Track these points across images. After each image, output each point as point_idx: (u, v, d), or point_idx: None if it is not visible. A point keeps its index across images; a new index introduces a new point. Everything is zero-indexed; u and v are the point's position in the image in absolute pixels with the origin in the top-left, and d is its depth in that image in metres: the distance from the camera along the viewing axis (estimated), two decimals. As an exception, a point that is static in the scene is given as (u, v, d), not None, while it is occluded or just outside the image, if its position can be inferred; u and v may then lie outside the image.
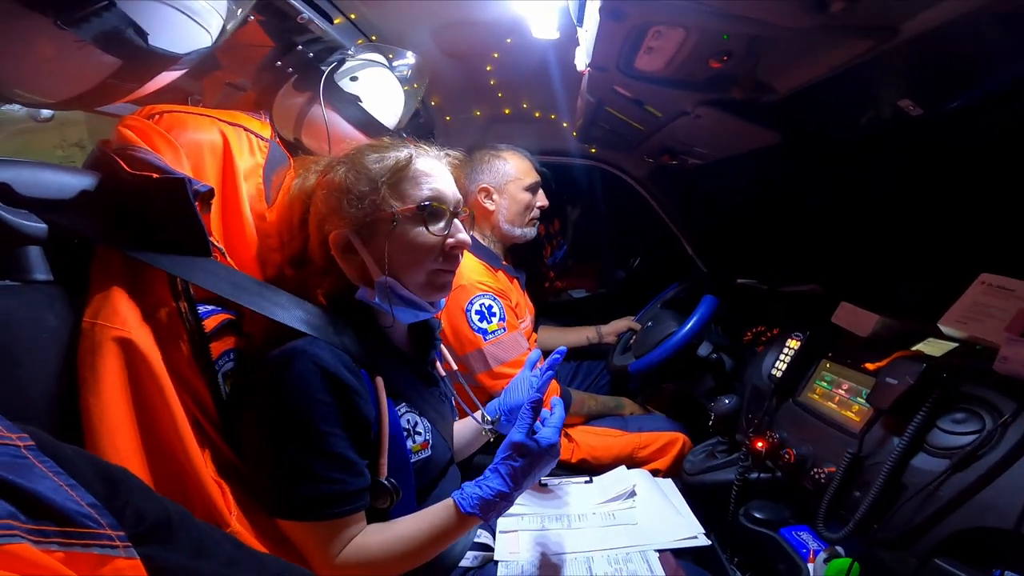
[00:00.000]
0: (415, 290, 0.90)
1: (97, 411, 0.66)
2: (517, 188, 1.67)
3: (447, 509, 0.83)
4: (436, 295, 0.94)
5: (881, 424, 1.00)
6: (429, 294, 0.92)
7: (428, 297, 0.93)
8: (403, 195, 0.88)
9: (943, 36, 0.75)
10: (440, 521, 0.82)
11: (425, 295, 0.92)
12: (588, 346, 2.04)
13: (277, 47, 1.15)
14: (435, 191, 0.90)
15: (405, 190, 0.88)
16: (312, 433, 0.76)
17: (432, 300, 0.94)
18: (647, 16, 0.83)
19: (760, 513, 1.27)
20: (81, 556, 0.38)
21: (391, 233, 0.87)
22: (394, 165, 0.89)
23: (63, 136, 1.44)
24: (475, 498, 0.82)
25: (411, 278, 0.90)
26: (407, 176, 0.89)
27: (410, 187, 0.89)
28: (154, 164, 0.77)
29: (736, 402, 1.43)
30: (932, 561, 0.84)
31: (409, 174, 0.89)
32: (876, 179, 1.48)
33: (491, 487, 0.82)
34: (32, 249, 0.69)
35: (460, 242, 0.92)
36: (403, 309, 0.91)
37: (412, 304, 0.91)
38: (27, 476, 0.39)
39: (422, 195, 0.89)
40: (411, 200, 0.88)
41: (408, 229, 0.88)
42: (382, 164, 0.90)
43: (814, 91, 0.99)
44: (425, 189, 0.89)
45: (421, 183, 0.89)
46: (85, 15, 0.63)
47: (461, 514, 0.81)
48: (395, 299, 0.89)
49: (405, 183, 0.89)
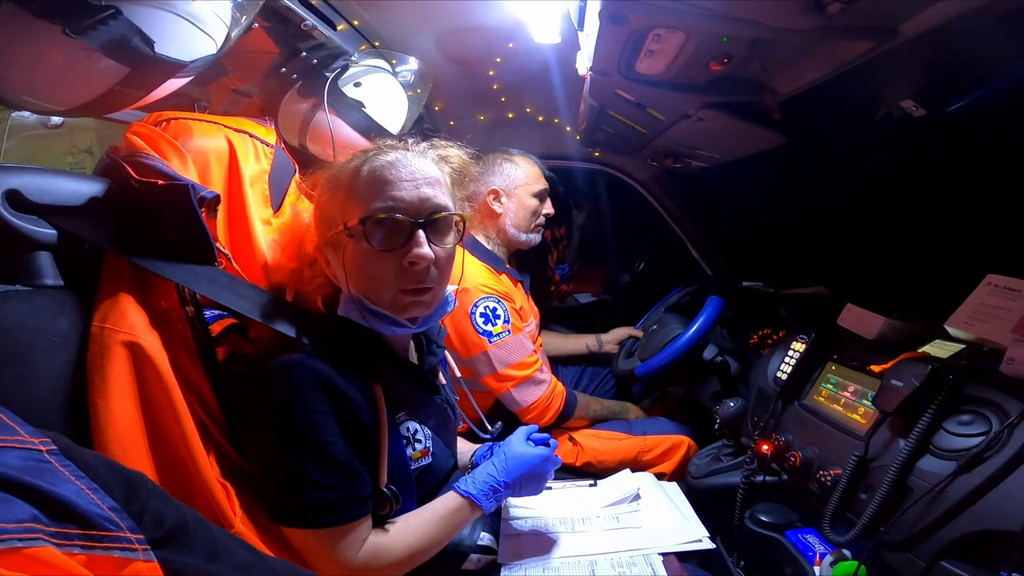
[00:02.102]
0: (384, 308, 0.85)
1: (105, 413, 0.67)
2: (526, 193, 1.68)
3: (452, 499, 0.89)
4: (406, 315, 0.86)
5: (887, 426, 0.99)
6: (399, 313, 0.85)
7: (400, 315, 0.85)
8: (358, 206, 0.81)
9: (942, 37, 0.75)
10: (446, 513, 0.88)
11: (397, 313, 0.85)
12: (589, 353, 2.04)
13: (282, 54, 1.16)
14: (390, 201, 0.80)
15: (361, 200, 0.81)
16: (312, 442, 0.77)
17: (408, 318, 0.86)
18: (647, 20, 0.84)
19: (766, 516, 1.26)
20: (102, 559, 0.39)
21: (347, 247, 0.82)
22: (350, 173, 0.83)
23: (73, 143, 1.46)
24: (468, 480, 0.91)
25: (375, 295, 0.84)
26: (358, 183, 0.82)
27: (362, 197, 0.81)
28: (161, 171, 0.78)
29: (741, 405, 1.42)
30: (939, 564, 0.83)
31: (361, 181, 0.82)
32: (881, 180, 1.48)
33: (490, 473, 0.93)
34: (42, 255, 0.71)
35: (417, 257, 0.80)
36: (379, 324, 0.86)
37: (386, 319, 0.85)
38: (50, 480, 0.40)
39: (371, 206, 0.80)
40: (359, 212, 0.80)
41: (361, 244, 0.81)
42: (344, 172, 0.84)
43: (817, 92, 0.99)
44: (376, 200, 0.80)
45: (373, 192, 0.81)
46: (92, 23, 0.64)
47: (460, 499, 0.88)
48: (367, 314, 0.84)
49: (362, 192, 0.81)
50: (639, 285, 2.65)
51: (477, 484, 0.91)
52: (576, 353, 2.01)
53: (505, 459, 0.96)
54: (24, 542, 0.34)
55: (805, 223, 1.80)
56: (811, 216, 1.77)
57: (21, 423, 0.43)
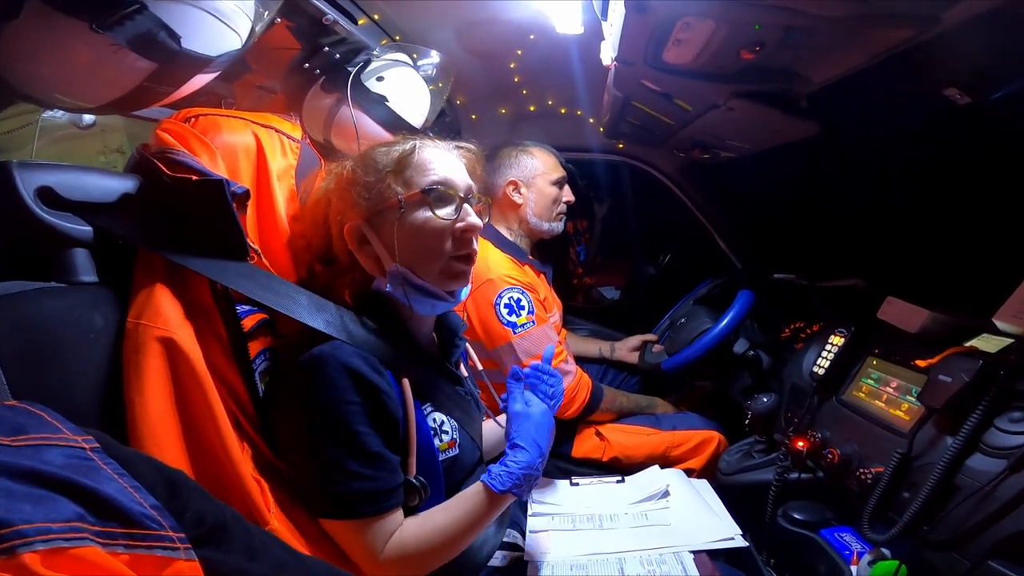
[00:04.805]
0: (430, 279, 0.90)
1: (141, 409, 0.68)
2: (545, 182, 1.67)
3: (478, 493, 0.85)
4: (452, 284, 0.93)
5: (933, 423, 0.96)
6: (445, 283, 0.92)
7: (444, 287, 0.92)
8: (409, 182, 0.89)
9: (988, 23, 0.71)
10: (473, 505, 0.84)
11: (441, 284, 0.91)
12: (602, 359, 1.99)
13: (304, 49, 1.16)
14: (441, 176, 0.90)
15: (411, 177, 0.89)
16: (345, 433, 0.77)
17: (449, 290, 0.93)
18: (674, 8, 0.81)
19: (800, 514, 1.23)
20: (145, 558, 0.38)
21: (400, 220, 0.88)
22: (399, 154, 0.91)
23: (105, 142, 1.48)
24: (504, 475, 0.84)
25: (424, 266, 0.90)
26: (411, 163, 0.90)
27: (415, 174, 0.90)
28: (192, 167, 0.78)
29: (774, 400, 1.39)
30: (986, 563, 0.81)
31: (413, 161, 0.90)
32: (920, 169, 1.42)
33: (514, 461, 0.85)
34: (78, 251, 0.72)
35: (471, 225, 0.90)
36: (419, 299, 0.91)
37: (428, 293, 0.90)
38: (94, 478, 0.40)
39: (427, 180, 0.89)
40: (416, 186, 0.89)
41: (415, 215, 0.88)
42: (388, 156, 0.91)
43: (853, 81, 0.95)
44: (431, 175, 0.90)
45: (427, 170, 0.90)
46: (118, 19, 0.64)
47: (493, 494, 0.84)
48: (409, 288, 0.89)
49: (410, 170, 0.90)
50: (665, 278, 2.60)
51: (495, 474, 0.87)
52: (587, 356, 1.98)
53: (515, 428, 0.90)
54: (70, 542, 0.34)
55: (839, 214, 1.74)
56: (845, 207, 1.72)
57: (63, 421, 0.43)
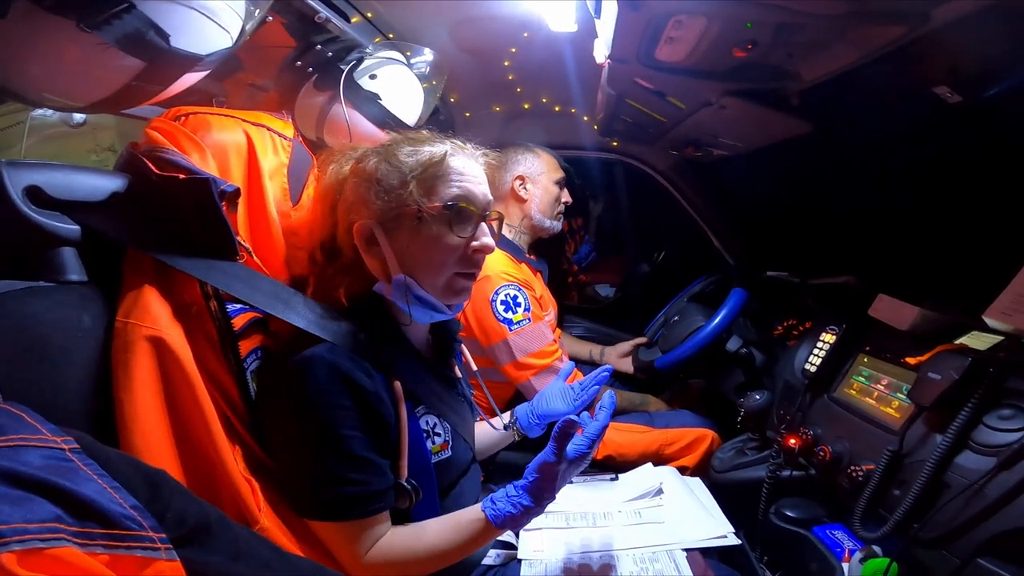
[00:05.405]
0: (433, 291, 0.89)
1: (130, 408, 0.67)
2: (549, 180, 1.74)
3: (477, 521, 0.82)
4: (454, 299, 0.92)
5: (923, 421, 0.96)
6: (447, 297, 0.91)
7: (446, 300, 0.91)
8: (432, 192, 0.86)
9: (978, 22, 0.71)
10: (468, 532, 0.83)
11: (443, 298, 0.90)
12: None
13: (297, 47, 1.16)
14: (465, 191, 0.87)
15: (435, 187, 0.86)
16: (334, 437, 0.77)
17: (450, 304, 0.92)
18: (666, 6, 0.81)
19: (792, 511, 1.24)
20: (124, 558, 0.38)
21: (415, 229, 0.86)
22: (427, 160, 0.87)
23: (96, 141, 1.47)
24: (504, 514, 0.81)
25: (429, 279, 0.88)
26: (438, 173, 0.87)
27: (440, 184, 0.87)
28: (181, 165, 0.78)
29: (767, 398, 1.39)
30: (975, 561, 0.82)
31: (440, 171, 0.87)
32: (912, 167, 1.43)
33: (522, 504, 0.82)
34: (66, 250, 0.71)
35: (484, 246, 0.89)
36: (419, 309, 0.90)
37: (428, 305, 0.89)
38: (73, 479, 0.39)
39: (451, 194, 0.86)
40: (439, 198, 0.86)
41: (432, 228, 0.86)
42: (415, 158, 0.88)
43: (845, 78, 0.95)
44: (455, 188, 0.87)
45: (452, 181, 0.87)
46: (106, 17, 0.64)
47: (491, 527, 0.82)
48: (411, 298, 0.88)
49: (436, 180, 0.87)
50: (659, 275, 2.61)
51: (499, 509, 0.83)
52: (578, 357, 1.98)
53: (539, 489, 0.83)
54: (46, 542, 0.34)
55: (831, 212, 1.75)
56: (837, 205, 1.72)
57: (43, 421, 0.43)
